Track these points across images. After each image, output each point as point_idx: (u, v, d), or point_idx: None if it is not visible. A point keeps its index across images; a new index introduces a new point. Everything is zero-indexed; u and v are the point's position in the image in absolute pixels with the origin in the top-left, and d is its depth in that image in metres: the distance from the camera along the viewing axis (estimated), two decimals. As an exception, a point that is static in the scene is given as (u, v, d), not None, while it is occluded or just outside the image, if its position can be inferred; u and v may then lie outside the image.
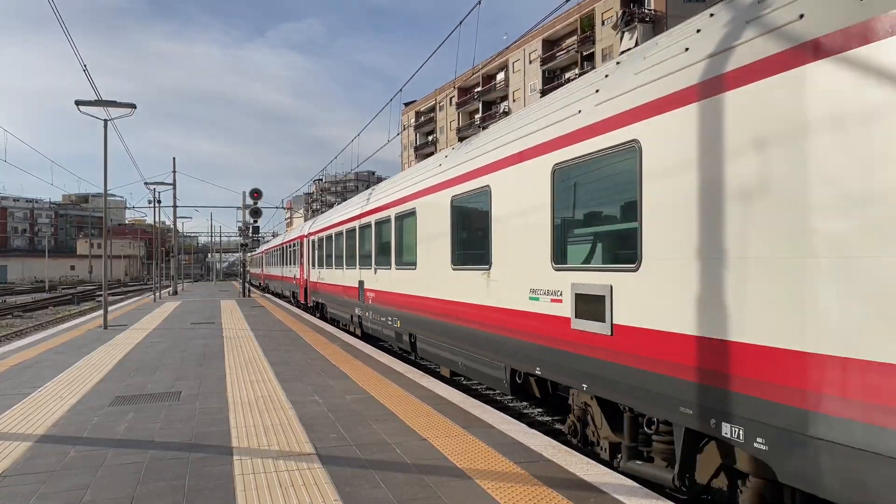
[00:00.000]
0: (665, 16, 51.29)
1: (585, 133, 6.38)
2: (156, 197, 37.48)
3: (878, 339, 3.61)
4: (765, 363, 4.27)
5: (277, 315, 22.85)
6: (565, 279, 6.72)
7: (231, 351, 13.09)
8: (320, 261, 23.15)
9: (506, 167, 8.15)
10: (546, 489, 4.87)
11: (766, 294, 4.26)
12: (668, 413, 5.17)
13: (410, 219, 12.23)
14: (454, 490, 4.89)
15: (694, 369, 4.85)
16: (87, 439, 6.48)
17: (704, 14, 5.28)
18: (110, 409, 7.87)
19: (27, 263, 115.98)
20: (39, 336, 16.80)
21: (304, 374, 10.18)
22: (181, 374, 10.38)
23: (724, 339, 4.60)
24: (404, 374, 10.07)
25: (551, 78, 66.18)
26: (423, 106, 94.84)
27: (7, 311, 37.36)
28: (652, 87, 5.43)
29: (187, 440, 6.41)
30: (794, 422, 4.06)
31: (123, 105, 17.29)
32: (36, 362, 11.77)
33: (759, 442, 4.33)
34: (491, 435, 6.44)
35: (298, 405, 7.93)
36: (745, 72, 4.47)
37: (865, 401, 3.64)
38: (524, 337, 7.59)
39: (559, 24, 63.23)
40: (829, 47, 3.88)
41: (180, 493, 4.92)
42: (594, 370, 6.18)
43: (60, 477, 5.34)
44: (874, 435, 3.59)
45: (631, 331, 5.65)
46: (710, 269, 4.77)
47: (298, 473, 5.35)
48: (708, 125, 4.79)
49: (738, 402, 4.48)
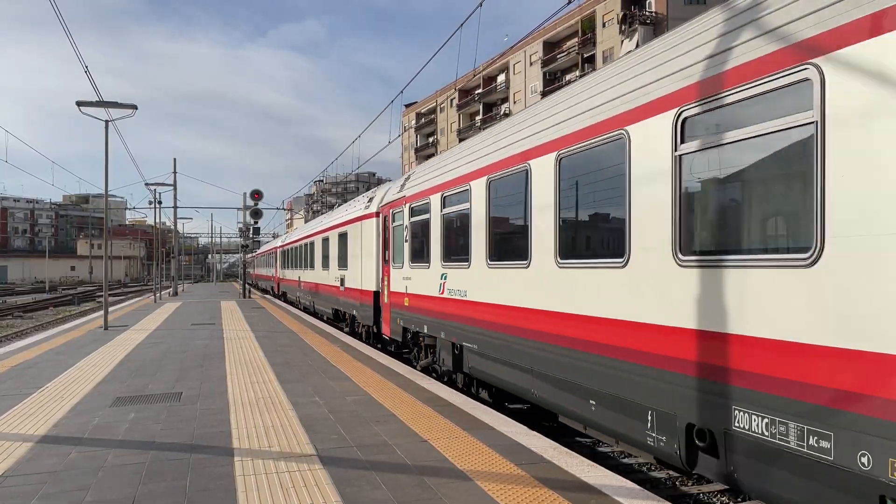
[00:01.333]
0: (666, 17, 51.34)
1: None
2: (156, 198, 37.50)
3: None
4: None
5: (278, 316, 22.85)
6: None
7: (232, 352, 13.09)
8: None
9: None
10: (547, 491, 4.87)
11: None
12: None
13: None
14: (455, 492, 4.89)
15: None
16: (88, 440, 6.48)
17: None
18: (111, 409, 7.88)
19: (27, 264, 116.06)
20: (40, 337, 16.80)
21: (304, 376, 10.18)
22: (182, 374, 10.38)
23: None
24: (405, 376, 10.07)
25: (552, 80, 66.23)
26: (424, 107, 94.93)
27: (7, 312, 37.36)
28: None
29: (188, 441, 6.41)
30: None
31: (124, 106, 17.30)
32: (36, 363, 11.77)
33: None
34: (492, 436, 6.43)
35: (299, 406, 7.93)
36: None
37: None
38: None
39: (560, 25, 63.29)
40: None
41: (181, 493, 4.92)
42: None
43: (62, 478, 5.34)
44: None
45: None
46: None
47: (299, 474, 5.35)
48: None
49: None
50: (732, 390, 4.69)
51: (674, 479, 7.08)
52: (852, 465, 3.80)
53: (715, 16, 5.31)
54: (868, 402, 3.73)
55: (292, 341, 14.97)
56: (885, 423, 3.62)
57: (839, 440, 3.90)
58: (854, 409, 3.81)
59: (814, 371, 4.07)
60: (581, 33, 61.40)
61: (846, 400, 3.87)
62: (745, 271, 4.62)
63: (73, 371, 10.77)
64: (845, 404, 3.87)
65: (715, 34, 5.15)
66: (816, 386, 4.06)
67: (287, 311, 25.36)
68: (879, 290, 3.69)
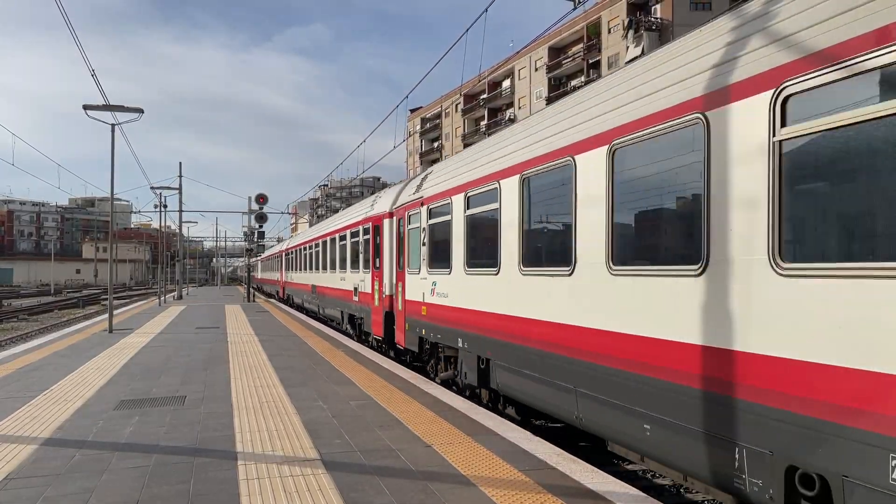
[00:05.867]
0: (672, 24, 51.38)
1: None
2: (162, 201, 37.64)
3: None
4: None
5: (282, 320, 22.87)
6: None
7: (236, 356, 13.10)
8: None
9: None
10: (551, 497, 4.85)
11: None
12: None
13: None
14: (459, 497, 4.88)
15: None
16: (92, 443, 6.49)
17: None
18: (115, 412, 7.89)
19: (33, 266, 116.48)
20: (45, 339, 16.85)
21: (308, 380, 10.18)
22: (186, 378, 10.39)
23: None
24: (409, 381, 10.05)
25: (557, 85, 66.33)
26: (429, 112, 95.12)
27: (13, 314, 37.48)
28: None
29: (192, 444, 6.41)
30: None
31: (131, 110, 17.39)
32: (41, 365, 11.80)
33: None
34: (496, 442, 6.42)
35: (303, 410, 7.93)
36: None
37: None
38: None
39: (565, 31, 63.42)
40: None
41: (185, 497, 4.92)
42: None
43: (65, 480, 5.34)
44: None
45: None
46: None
47: (303, 479, 5.35)
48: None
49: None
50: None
51: (678, 486, 7.05)
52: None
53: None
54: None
55: (296, 345, 14.98)
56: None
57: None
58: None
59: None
60: (586, 39, 61.50)
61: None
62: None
63: (78, 374, 10.79)
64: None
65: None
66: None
67: (291, 316, 25.37)
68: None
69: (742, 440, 4.61)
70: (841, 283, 3.88)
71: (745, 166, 4.64)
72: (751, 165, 4.59)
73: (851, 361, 3.81)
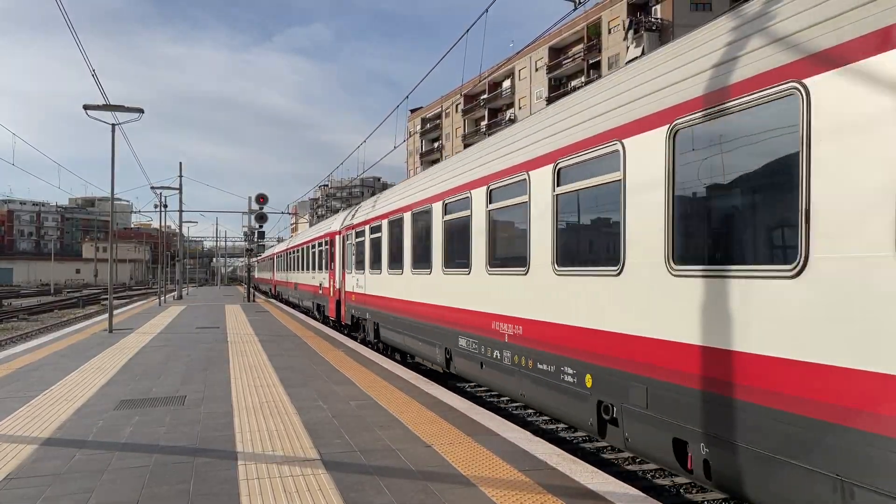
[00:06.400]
0: (672, 24, 51.38)
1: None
2: (162, 201, 37.61)
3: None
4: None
5: (281, 320, 22.87)
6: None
7: (236, 355, 13.11)
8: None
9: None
10: (551, 497, 4.86)
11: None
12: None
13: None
14: (459, 497, 4.88)
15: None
16: (92, 443, 6.49)
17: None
18: (115, 412, 7.89)
19: (33, 266, 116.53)
20: (45, 339, 16.85)
21: (308, 380, 10.18)
22: (186, 378, 10.39)
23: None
24: (409, 381, 10.06)
25: (557, 86, 66.33)
26: (429, 113, 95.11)
27: (13, 314, 37.49)
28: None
29: (192, 444, 6.41)
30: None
31: (131, 109, 17.38)
32: (41, 365, 11.80)
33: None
34: (496, 442, 6.42)
35: (303, 411, 7.93)
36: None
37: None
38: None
39: (566, 31, 63.43)
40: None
41: (185, 497, 4.92)
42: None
43: (65, 480, 5.34)
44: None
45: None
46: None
47: (303, 479, 5.35)
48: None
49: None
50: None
51: (678, 487, 7.05)
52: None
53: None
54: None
55: (296, 345, 14.98)
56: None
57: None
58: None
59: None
60: (587, 39, 61.51)
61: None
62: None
63: (78, 374, 10.80)
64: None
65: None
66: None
67: (290, 315, 25.38)
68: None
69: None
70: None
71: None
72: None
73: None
